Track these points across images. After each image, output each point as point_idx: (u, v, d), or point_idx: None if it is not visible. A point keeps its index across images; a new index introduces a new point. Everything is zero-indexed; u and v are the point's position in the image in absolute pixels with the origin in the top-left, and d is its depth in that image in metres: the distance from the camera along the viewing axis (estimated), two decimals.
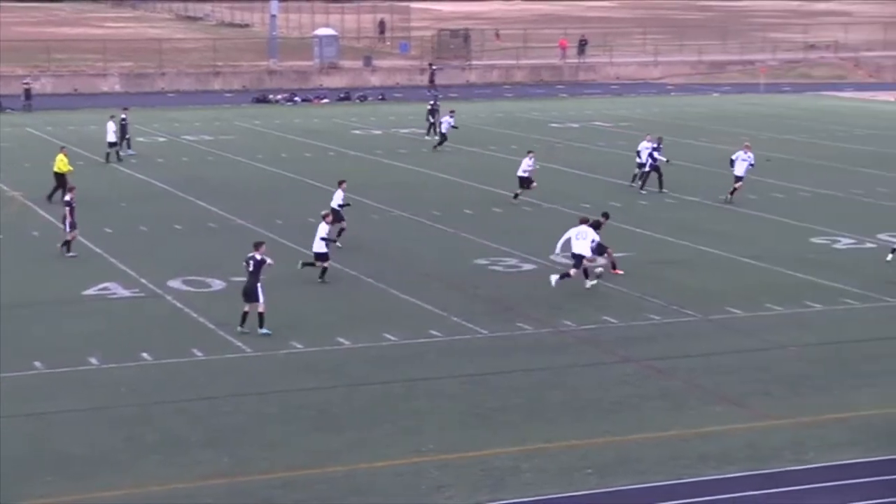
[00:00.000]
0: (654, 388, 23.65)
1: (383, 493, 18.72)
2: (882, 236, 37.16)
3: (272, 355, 25.50)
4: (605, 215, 32.58)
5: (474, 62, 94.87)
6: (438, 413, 22.19)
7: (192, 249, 35.44)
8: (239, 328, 26.71)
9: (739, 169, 42.53)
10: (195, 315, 28.46)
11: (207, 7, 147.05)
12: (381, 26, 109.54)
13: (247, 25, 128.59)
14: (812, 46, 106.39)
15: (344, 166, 51.23)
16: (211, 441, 20.74)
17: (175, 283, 31.20)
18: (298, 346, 26.13)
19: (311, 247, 31.59)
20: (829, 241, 36.55)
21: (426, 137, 59.68)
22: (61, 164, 42.20)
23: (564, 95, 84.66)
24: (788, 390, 23.51)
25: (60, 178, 41.64)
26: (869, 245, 36.22)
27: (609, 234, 36.58)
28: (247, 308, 26.75)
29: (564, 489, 18.83)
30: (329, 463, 19.79)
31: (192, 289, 30.83)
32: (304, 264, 31.81)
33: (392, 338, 26.66)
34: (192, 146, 57.62)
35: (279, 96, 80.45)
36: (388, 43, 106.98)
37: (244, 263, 26.99)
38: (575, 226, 31.28)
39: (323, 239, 31.32)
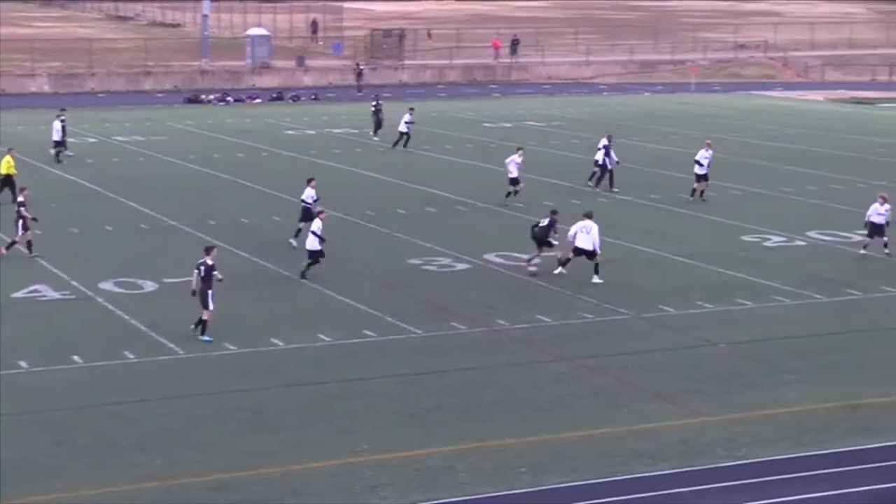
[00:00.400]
0: (587, 386, 23.78)
1: (318, 493, 18.68)
2: (811, 234, 37.63)
3: (205, 357, 25.35)
4: (554, 212, 32.76)
5: (407, 62, 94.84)
6: (373, 413, 22.18)
7: (123, 251, 35.12)
8: (192, 327, 26.47)
9: (702, 168, 42.92)
10: (127, 317, 28.22)
11: (138, 7, 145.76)
12: (314, 26, 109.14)
13: (178, 25, 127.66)
14: (742, 46, 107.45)
15: (277, 167, 51.10)
16: (143, 444, 20.58)
17: (106, 285, 30.92)
18: (232, 347, 26.00)
19: (243, 247, 31.37)
20: (759, 239, 36.91)
21: (370, 133, 59.46)
22: (7, 165, 41.89)
23: (497, 95, 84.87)
24: (720, 387, 23.73)
25: (7, 179, 41.40)
26: (799, 243, 36.64)
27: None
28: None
29: (499, 488, 18.88)
30: (264, 464, 19.71)
31: (123, 290, 30.57)
32: (307, 267, 31.64)
33: (326, 338, 26.59)
34: (124, 147, 57.11)
35: (211, 96, 79.93)
36: (321, 43, 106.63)
37: (195, 270, 26.64)
38: (580, 220, 31.88)
39: (314, 234, 31.20)
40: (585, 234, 31.52)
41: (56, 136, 51.35)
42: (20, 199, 34.41)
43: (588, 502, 18.42)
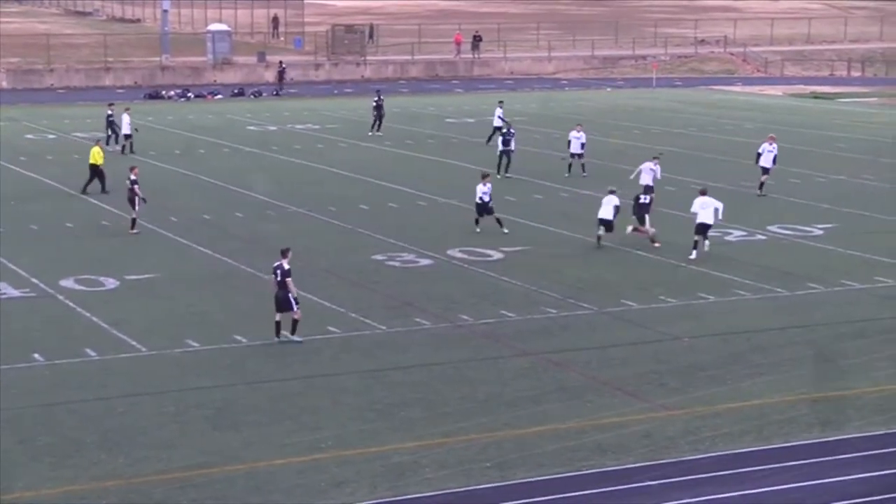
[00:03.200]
0: (551, 380, 23.82)
1: (283, 490, 18.63)
2: (772, 228, 37.86)
3: (168, 354, 25.22)
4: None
5: (369, 57, 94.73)
6: (337, 409, 22.14)
7: (84, 248, 34.92)
8: (276, 339, 25.85)
9: (766, 161, 43.72)
10: (88, 314, 28.05)
11: (97, 2, 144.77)
12: (275, 22, 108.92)
13: (137, 21, 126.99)
14: (702, 42, 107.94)
15: (239, 163, 50.92)
16: (106, 442, 20.47)
17: (67, 283, 30.73)
18: (195, 344, 25.88)
19: (206, 244, 31.11)
20: (720, 234, 37.05)
21: (369, 134, 59.25)
22: (97, 156, 43.41)
23: (460, 91, 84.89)
24: (683, 381, 23.82)
25: (96, 169, 43.20)
26: (759, 237, 36.85)
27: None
28: (278, 317, 25.94)
29: (464, 483, 18.89)
30: (228, 462, 19.63)
31: (85, 288, 30.38)
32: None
33: (283, 336, 26.47)
34: (83, 143, 56.64)
35: (172, 92, 79.64)
36: (282, 38, 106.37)
37: (272, 274, 26.20)
38: (697, 197, 34.39)
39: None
40: (705, 210, 33.70)
41: (126, 130, 52.80)
42: (132, 177, 36.53)
43: (554, 496, 18.47)
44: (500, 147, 47.30)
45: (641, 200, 35.94)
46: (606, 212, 34.92)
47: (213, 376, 23.93)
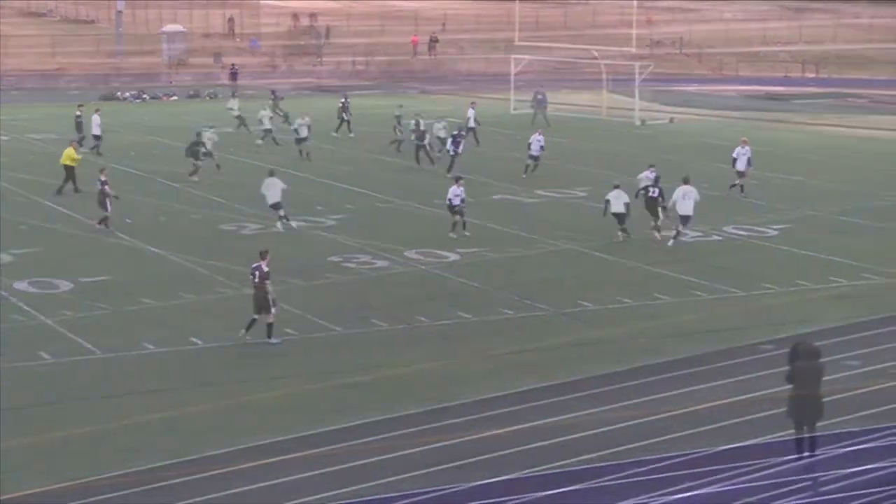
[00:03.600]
0: (509, 382, 23.82)
1: (243, 494, 18.52)
2: (728, 229, 38.05)
3: (123, 356, 25.06)
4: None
5: (326, 59, 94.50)
6: (296, 412, 22.06)
7: (38, 250, 34.61)
8: (243, 331, 25.89)
9: (741, 164, 44.22)
10: (42, 317, 27.81)
11: (51, 3, 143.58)
12: (231, 23, 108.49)
13: (92, 22, 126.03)
14: (658, 43, 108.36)
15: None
16: (63, 446, 20.29)
17: (21, 285, 30.46)
18: (150, 346, 25.72)
19: (162, 245, 30.91)
20: (676, 234, 37.18)
21: (333, 134, 59.06)
22: (71, 156, 43.47)
23: (415, 92, 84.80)
24: (640, 382, 23.87)
25: (69, 170, 43.08)
26: (715, 237, 37.03)
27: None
28: (256, 316, 25.93)
29: (426, 485, 18.85)
30: (186, 465, 19.50)
31: (38, 290, 30.13)
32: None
33: (247, 336, 26.36)
34: (38, 144, 56.31)
35: (127, 94, 79.09)
36: (238, 40, 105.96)
37: (250, 275, 26.18)
38: (680, 186, 35.72)
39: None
40: (686, 201, 35.02)
41: (96, 131, 52.59)
42: (102, 178, 36.85)
43: (517, 497, 18.45)
44: (451, 149, 47.36)
45: (651, 194, 36.36)
46: (618, 206, 35.64)
47: (169, 378, 23.78)
